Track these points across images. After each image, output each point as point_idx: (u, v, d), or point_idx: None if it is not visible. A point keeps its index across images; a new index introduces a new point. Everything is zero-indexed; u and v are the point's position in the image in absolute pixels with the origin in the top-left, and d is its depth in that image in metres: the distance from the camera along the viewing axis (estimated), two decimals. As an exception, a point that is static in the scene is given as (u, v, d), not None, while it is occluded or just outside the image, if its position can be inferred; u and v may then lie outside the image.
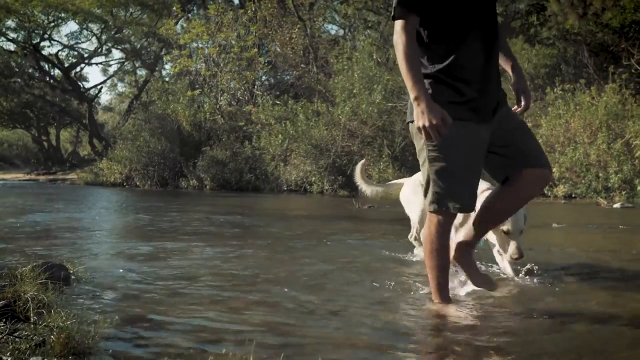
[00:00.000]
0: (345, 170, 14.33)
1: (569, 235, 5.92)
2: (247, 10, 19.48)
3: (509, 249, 3.31)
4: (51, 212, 8.43)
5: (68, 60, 29.30)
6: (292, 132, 15.42)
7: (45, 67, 29.31)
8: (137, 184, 17.52)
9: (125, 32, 26.91)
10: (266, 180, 15.35)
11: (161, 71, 28.58)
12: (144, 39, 27.55)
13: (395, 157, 14.19)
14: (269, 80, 22.82)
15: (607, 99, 12.30)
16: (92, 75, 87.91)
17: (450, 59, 2.59)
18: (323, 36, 21.37)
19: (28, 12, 24.40)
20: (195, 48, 21.18)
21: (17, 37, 26.97)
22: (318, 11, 21.16)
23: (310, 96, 17.87)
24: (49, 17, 25.97)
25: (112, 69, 33.63)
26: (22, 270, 2.82)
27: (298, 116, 15.84)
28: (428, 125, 2.43)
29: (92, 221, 7.32)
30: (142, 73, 31.51)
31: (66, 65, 28.91)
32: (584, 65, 15.80)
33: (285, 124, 15.68)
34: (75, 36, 28.48)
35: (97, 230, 6.34)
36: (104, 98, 50.84)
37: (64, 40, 41.63)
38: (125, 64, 31.91)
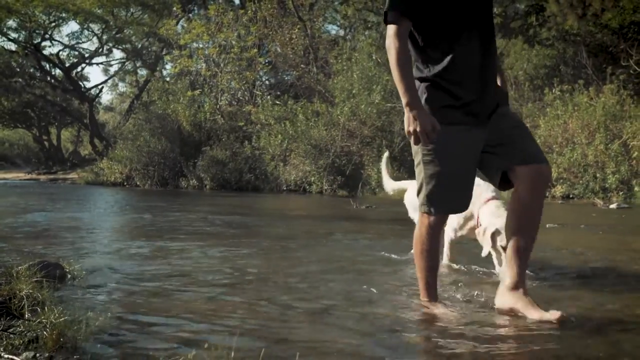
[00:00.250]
0: (345, 170, 14.39)
1: (559, 234, 5.96)
2: (248, 11, 19.55)
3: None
4: (51, 212, 8.49)
5: (69, 60, 29.41)
6: (292, 132, 15.48)
7: (46, 67, 29.38)
8: (138, 183, 17.59)
9: (126, 32, 26.96)
10: (266, 180, 15.41)
11: (162, 71, 28.65)
12: (145, 39, 27.61)
13: (394, 157, 14.21)
14: (270, 81, 22.88)
15: (605, 100, 12.34)
16: (93, 75, 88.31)
17: (446, 61, 2.58)
18: (323, 36, 21.42)
19: (29, 12, 24.45)
20: (195, 48, 21.24)
21: (18, 37, 27.08)
22: (318, 12, 21.21)
23: (310, 96, 17.92)
24: (50, 17, 26.04)
25: (113, 69, 33.72)
26: (19, 268, 2.88)
27: (297, 116, 15.90)
28: (419, 130, 2.46)
29: (92, 221, 7.38)
30: (143, 73, 31.59)
31: (67, 65, 29.00)
32: (582, 66, 15.83)
33: (285, 124, 15.74)
34: (76, 36, 28.59)
35: (96, 229, 6.40)
36: (105, 98, 50.88)
37: (65, 40, 41.68)
38: (126, 64, 31.99)
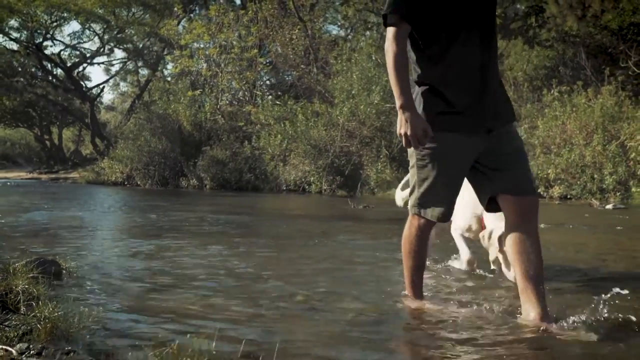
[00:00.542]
0: (344, 170, 14.46)
1: (546, 235, 6.02)
2: (248, 11, 19.63)
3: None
4: (52, 211, 8.57)
5: (70, 60, 29.50)
6: (291, 132, 15.55)
7: (48, 66, 29.47)
8: (138, 183, 17.68)
9: (128, 32, 27.03)
10: (265, 180, 15.48)
11: (163, 71, 28.72)
12: (146, 39, 27.69)
13: (393, 157, 14.29)
14: (270, 81, 22.96)
15: (603, 101, 12.39)
16: (95, 74, 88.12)
17: (444, 66, 2.58)
18: (324, 37, 21.48)
19: (31, 12, 24.53)
20: (196, 48, 21.31)
21: (19, 37, 27.17)
22: (318, 12, 21.27)
23: (310, 97, 17.99)
24: (52, 17, 26.12)
25: (115, 69, 33.79)
26: (16, 265, 2.95)
27: (297, 116, 15.96)
28: (410, 134, 2.48)
29: (92, 220, 7.45)
30: (144, 73, 31.66)
31: (69, 64, 29.09)
32: (581, 67, 15.88)
33: (285, 124, 15.81)
34: (78, 36, 28.68)
35: (96, 228, 6.48)
36: (107, 97, 50.96)
37: (66, 40, 41.62)
38: (127, 64, 32.06)
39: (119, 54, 38.68)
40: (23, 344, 1.95)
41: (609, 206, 9.64)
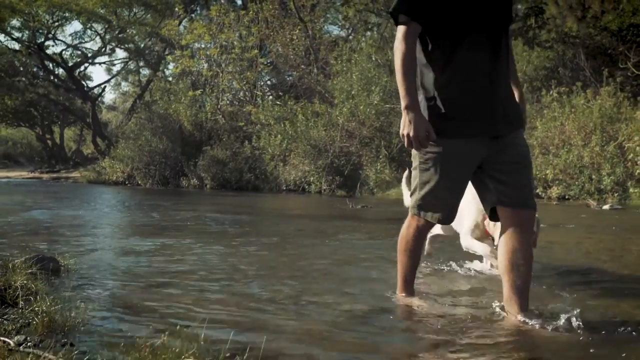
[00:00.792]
0: (343, 170, 14.52)
1: (542, 234, 6.07)
2: (249, 12, 19.69)
3: None
4: (53, 210, 8.64)
5: (72, 60, 29.61)
6: (291, 132, 15.62)
7: (50, 66, 29.58)
8: (139, 182, 17.74)
9: (129, 32, 27.13)
10: (265, 179, 15.55)
11: (164, 71, 28.81)
12: (148, 39, 27.79)
13: (393, 157, 14.35)
14: (271, 81, 23.03)
15: (601, 102, 12.43)
16: (96, 74, 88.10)
17: (453, 68, 2.56)
18: (325, 37, 21.55)
19: (32, 11, 24.63)
20: (197, 49, 21.39)
21: (21, 37, 27.29)
22: (319, 13, 21.34)
23: (310, 97, 18.05)
24: (53, 17, 26.24)
25: (116, 69, 33.90)
26: (15, 262, 3.02)
27: (297, 117, 16.02)
28: (412, 135, 2.48)
29: (92, 218, 7.52)
30: (145, 72, 31.77)
31: (70, 64, 29.19)
32: (580, 68, 15.93)
33: (285, 124, 15.87)
34: (79, 36, 28.77)
35: (96, 227, 6.55)
36: (108, 97, 51.19)
37: (68, 39, 41.96)
38: (128, 64, 32.17)
39: (120, 53, 38.92)
40: (21, 336, 2.03)
41: (606, 207, 9.70)
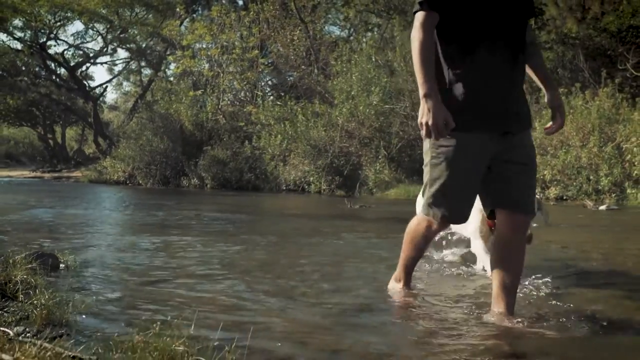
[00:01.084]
0: (343, 170, 14.58)
1: (537, 233, 6.14)
2: (250, 12, 19.77)
3: None
4: (54, 208, 8.73)
5: (74, 60, 29.72)
6: (291, 132, 15.69)
7: (52, 66, 29.68)
8: (140, 182, 17.81)
9: (131, 32, 27.24)
10: (265, 179, 15.62)
11: (165, 71, 28.91)
12: (149, 39, 27.89)
13: (392, 158, 14.42)
14: (272, 81, 23.10)
15: (600, 103, 12.49)
16: (98, 74, 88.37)
17: (469, 62, 2.52)
18: (325, 38, 21.62)
19: (34, 11, 24.75)
20: (198, 49, 21.47)
21: (23, 37, 27.40)
22: (320, 13, 21.41)
23: (310, 97, 18.12)
24: (55, 17, 26.34)
25: (118, 69, 34.01)
26: (16, 257, 3.09)
27: (297, 117, 16.10)
28: (431, 123, 2.40)
29: (93, 217, 7.60)
30: (147, 72, 31.86)
31: (72, 64, 29.30)
32: (580, 70, 15.98)
33: (285, 125, 15.94)
34: (81, 36, 28.89)
35: (97, 225, 6.63)
36: (110, 97, 51.30)
37: (69, 39, 41.95)
38: (130, 64, 32.28)
39: (122, 53, 39.01)
40: (20, 327, 2.11)
41: (603, 207, 9.76)
